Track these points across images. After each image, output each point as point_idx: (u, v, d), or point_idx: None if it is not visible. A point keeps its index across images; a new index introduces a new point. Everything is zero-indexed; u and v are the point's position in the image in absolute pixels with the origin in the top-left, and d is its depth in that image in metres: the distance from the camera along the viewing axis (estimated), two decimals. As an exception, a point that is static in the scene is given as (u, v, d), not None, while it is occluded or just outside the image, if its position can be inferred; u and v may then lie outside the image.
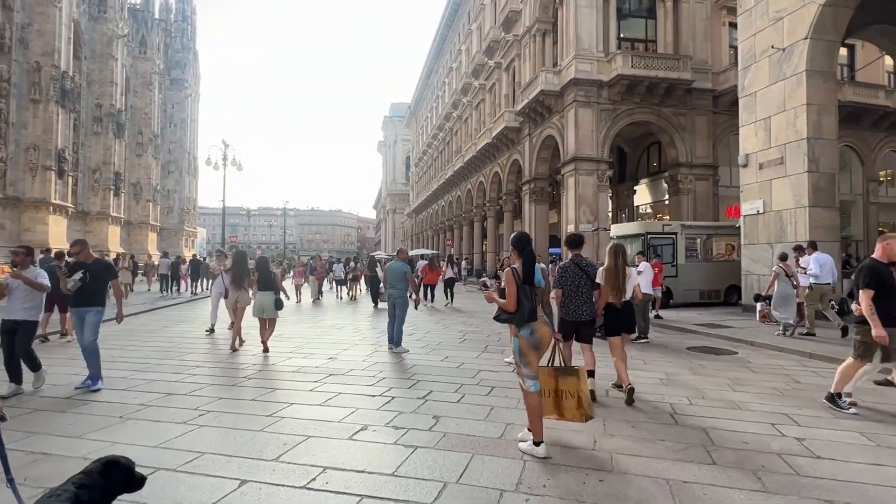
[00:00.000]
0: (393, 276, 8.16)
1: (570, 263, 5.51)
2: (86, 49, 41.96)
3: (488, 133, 31.93)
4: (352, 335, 9.41)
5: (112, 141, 43.18)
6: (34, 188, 34.31)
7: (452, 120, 44.07)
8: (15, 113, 33.87)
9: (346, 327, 10.58)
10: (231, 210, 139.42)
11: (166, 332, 9.66)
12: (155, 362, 6.78)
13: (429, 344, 8.28)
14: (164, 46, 56.48)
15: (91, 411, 4.47)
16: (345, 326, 10.67)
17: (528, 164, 26.83)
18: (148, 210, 51.09)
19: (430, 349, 7.91)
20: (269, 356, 7.28)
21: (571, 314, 5.30)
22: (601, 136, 21.90)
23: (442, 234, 49.20)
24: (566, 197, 22.56)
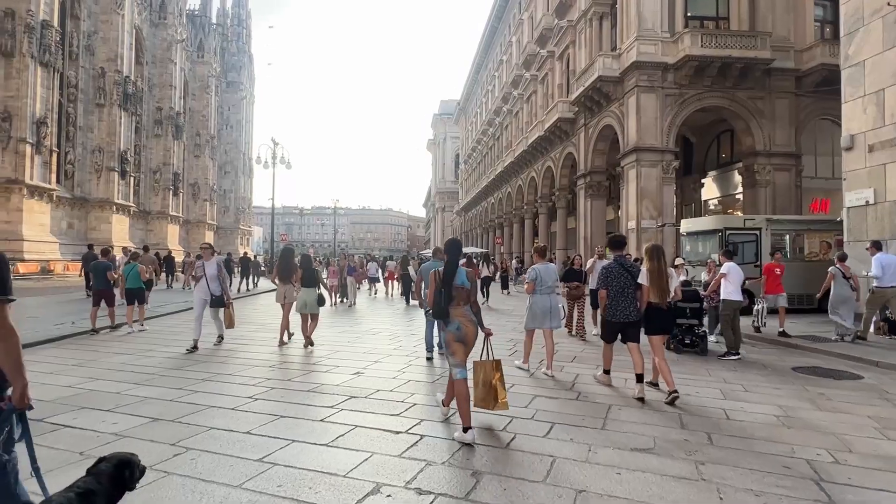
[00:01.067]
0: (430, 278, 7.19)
1: (614, 264, 5.55)
2: (147, 54, 43.54)
3: (540, 126, 30.35)
4: (386, 343, 8.39)
5: (171, 143, 44.66)
6: (99, 189, 35.81)
7: (502, 115, 42.63)
8: (82, 117, 35.46)
9: (383, 332, 9.58)
10: (286, 210, 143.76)
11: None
12: (158, 373, 6.00)
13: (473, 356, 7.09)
14: (220, 50, 58.20)
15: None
16: (381, 332, 9.68)
17: (584, 156, 25.10)
18: (205, 209, 52.71)
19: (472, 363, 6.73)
20: (287, 369, 6.37)
21: (619, 315, 5.40)
22: (666, 123, 19.97)
23: (491, 231, 47.84)
24: (626, 191, 20.76)
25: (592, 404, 4.82)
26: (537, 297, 6.24)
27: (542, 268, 6.29)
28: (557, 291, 6.54)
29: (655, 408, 4.76)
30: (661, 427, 4.15)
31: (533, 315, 6.28)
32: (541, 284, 6.19)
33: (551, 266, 6.49)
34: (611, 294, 5.43)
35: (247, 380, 5.60)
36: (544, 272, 6.25)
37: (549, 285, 6.26)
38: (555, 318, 6.29)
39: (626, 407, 4.74)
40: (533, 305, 6.28)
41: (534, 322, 6.31)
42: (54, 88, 30.06)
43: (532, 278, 6.28)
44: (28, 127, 27.81)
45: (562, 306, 6.76)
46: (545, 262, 6.44)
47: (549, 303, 6.22)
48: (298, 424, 4.12)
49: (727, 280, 7.51)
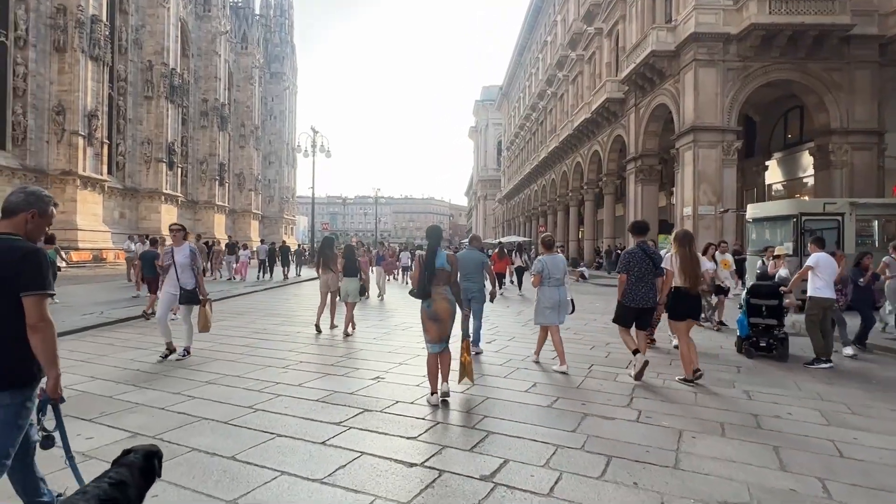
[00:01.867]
0: (468, 267, 6.57)
1: (636, 249, 5.56)
2: (192, 47, 44.32)
3: (587, 108, 28.78)
4: (416, 340, 7.64)
5: (217, 133, 45.46)
6: (148, 179, 36.81)
7: (546, 98, 41.00)
8: (131, 109, 36.41)
9: (415, 327, 8.80)
10: (330, 200, 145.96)
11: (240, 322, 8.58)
12: (164, 371, 5.46)
13: (511, 359, 6.25)
14: (263, 41, 58.80)
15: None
16: (413, 326, 8.90)
17: (634, 139, 23.53)
18: (250, 199, 53.65)
19: (511, 367, 5.88)
20: (302, 371, 5.69)
21: (638, 300, 5.41)
22: (727, 100, 18.28)
23: (534, 220, 46.44)
24: (681, 174, 19.21)
25: (658, 429, 3.88)
26: (545, 289, 6.03)
27: (548, 259, 6.08)
28: (567, 284, 6.28)
29: (739, 434, 3.78)
30: (753, 467, 3.18)
31: (541, 309, 6.05)
32: (548, 277, 5.99)
33: (559, 257, 6.25)
34: (631, 279, 5.46)
35: (253, 384, 4.96)
36: (551, 264, 6.04)
37: (558, 277, 6.03)
38: (563, 312, 6.06)
39: (703, 434, 3.78)
40: (541, 299, 6.06)
41: (541, 317, 6.06)
42: (104, 82, 30.81)
43: (538, 270, 6.07)
44: (80, 120, 28.59)
45: (570, 299, 6.29)
46: (553, 253, 6.25)
47: (558, 296, 5.99)
48: (294, 449, 3.40)
49: (816, 273, 6.30)
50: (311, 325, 8.40)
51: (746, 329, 6.88)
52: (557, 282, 6.03)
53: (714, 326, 8.90)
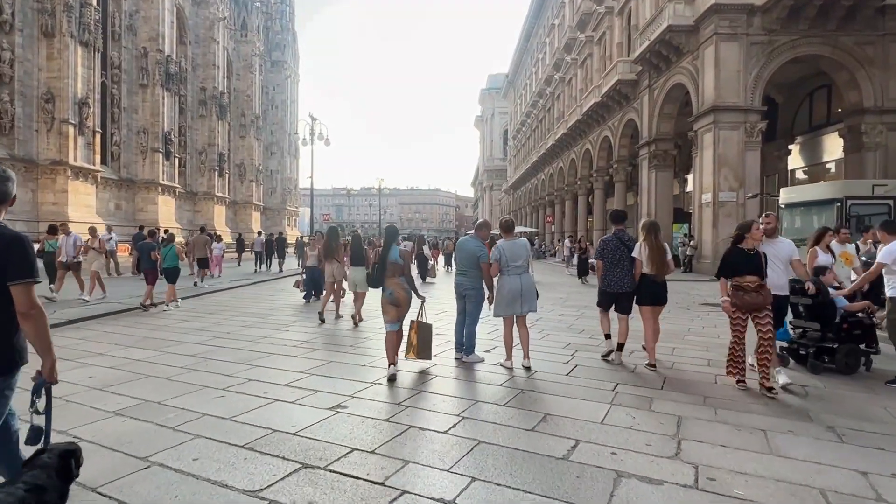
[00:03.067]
0: (464, 259, 5.73)
1: (612, 237, 5.75)
2: (190, 34, 43.15)
3: (597, 91, 27.40)
4: None
5: (216, 123, 44.38)
6: (145, 170, 35.87)
7: (554, 83, 39.55)
8: (126, 98, 35.38)
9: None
10: (336, 191, 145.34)
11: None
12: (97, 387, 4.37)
13: (516, 377, 5.10)
14: (264, 29, 57.47)
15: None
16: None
17: (647, 122, 22.17)
18: (251, 190, 52.66)
19: (513, 389, 4.70)
20: (246, 394, 4.56)
21: (613, 285, 5.67)
22: (750, 78, 16.94)
23: (541, 210, 45.15)
24: (700, 159, 17.90)
25: (712, 496, 2.72)
26: (505, 278, 5.46)
27: (507, 245, 5.48)
28: (531, 271, 5.66)
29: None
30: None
31: (500, 299, 5.44)
32: (506, 265, 5.42)
33: (520, 242, 5.58)
34: (606, 265, 5.69)
35: (171, 418, 3.79)
36: (510, 250, 5.44)
37: (519, 265, 5.44)
38: (528, 301, 5.43)
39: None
40: (500, 288, 5.46)
41: (502, 307, 5.45)
42: (95, 68, 29.74)
43: (496, 258, 5.47)
44: (70, 108, 27.62)
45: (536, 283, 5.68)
46: (513, 237, 5.61)
47: (520, 284, 5.40)
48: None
49: (893, 269, 5.05)
50: (284, 328, 7.39)
51: (785, 334, 5.70)
52: (519, 269, 5.41)
53: None
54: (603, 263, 5.71)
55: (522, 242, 5.51)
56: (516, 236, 5.58)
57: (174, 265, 9.97)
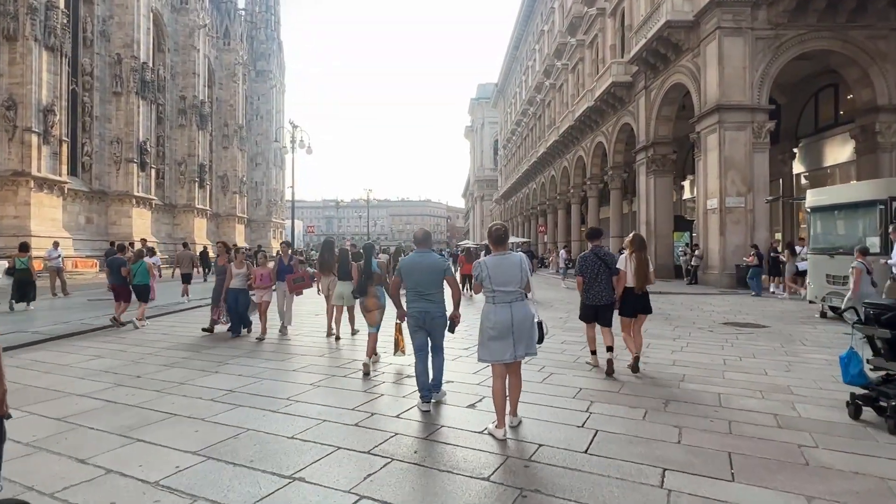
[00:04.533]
0: (424, 279, 4.35)
1: (589, 254, 5.81)
2: (169, 41, 41.84)
3: (589, 95, 26.27)
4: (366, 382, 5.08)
5: (196, 133, 42.94)
6: (118, 181, 34.29)
7: (544, 90, 38.53)
8: (98, 106, 33.87)
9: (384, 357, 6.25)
10: (325, 203, 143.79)
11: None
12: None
13: (510, 450, 3.62)
14: (248, 38, 56.31)
15: None
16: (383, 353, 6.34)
17: (644, 125, 21.00)
18: (235, 202, 51.09)
19: (508, 488, 3.17)
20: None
21: (592, 299, 5.72)
22: (757, 74, 15.79)
23: (533, 219, 43.92)
24: (704, 162, 16.67)
25: None
26: (489, 308, 3.80)
27: (493, 262, 3.81)
28: (532, 297, 4.04)
29: None
30: None
31: (485, 337, 3.79)
32: (491, 290, 3.78)
33: (513, 259, 3.84)
34: (586, 280, 5.73)
35: None
36: (497, 268, 3.77)
37: (510, 290, 3.75)
38: (522, 341, 3.73)
39: None
40: (485, 321, 3.81)
41: (487, 348, 3.77)
42: (62, 74, 28.22)
43: (477, 277, 3.87)
44: (33, 115, 26.07)
45: (539, 322, 3.96)
46: (503, 251, 3.91)
47: (510, 316, 3.71)
48: None
49: None
50: (213, 369, 5.80)
51: (860, 376, 4.14)
52: (510, 296, 3.75)
53: None
54: (583, 279, 5.75)
55: (515, 259, 3.84)
56: (509, 250, 3.98)
57: (144, 282, 9.41)
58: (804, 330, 8.26)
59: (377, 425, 3.73)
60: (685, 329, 8.43)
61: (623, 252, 5.78)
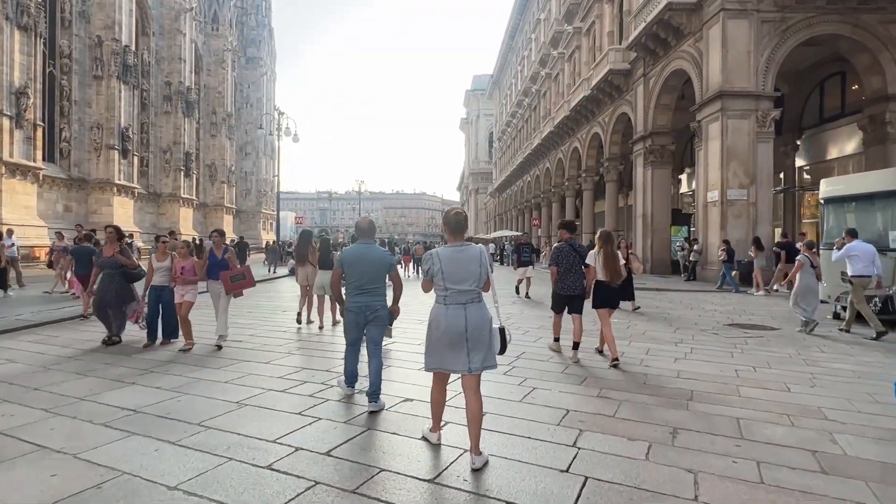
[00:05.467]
0: (368, 271, 4.02)
1: (564, 245, 6.00)
2: (153, 25, 40.43)
3: (585, 84, 25.35)
4: (285, 381, 4.22)
5: (181, 120, 41.62)
6: (99, 169, 33.03)
7: (540, 80, 37.53)
8: (78, 90, 32.55)
9: (293, 357, 5.37)
10: (320, 195, 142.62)
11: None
12: None
13: (449, 451, 2.79)
14: (238, 24, 54.82)
15: None
16: (292, 353, 5.47)
17: (643, 115, 20.11)
18: (223, 192, 49.80)
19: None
20: None
21: (565, 289, 5.92)
22: (762, 59, 14.93)
23: (527, 212, 43.07)
24: (705, 152, 15.82)
25: None
26: (440, 310, 3.14)
27: (447, 254, 3.13)
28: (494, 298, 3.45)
29: None
30: None
31: (432, 342, 3.17)
32: (443, 288, 3.12)
33: (473, 251, 3.17)
34: (561, 270, 5.90)
35: None
36: (451, 262, 3.10)
37: (467, 289, 3.10)
38: (479, 351, 3.07)
39: None
40: (433, 325, 3.18)
41: (434, 356, 3.16)
42: (37, 55, 26.95)
43: (427, 272, 3.20)
44: (5, 98, 24.82)
45: (501, 328, 3.29)
46: (459, 242, 3.21)
47: (464, 320, 3.06)
48: None
49: None
50: (122, 381, 4.92)
51: None
52: (465, 296, 3.09)
53: None
54: (558, 269, 5.92)
55: (474, 252, 3.16)
56: (466, 242, 3.25)
57: None
58: (818, 333, 7.45)
59: (296, 468, 2.83)
60: (687, 331, 7.59)
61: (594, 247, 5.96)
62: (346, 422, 3.57)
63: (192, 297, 6.33)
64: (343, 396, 4.14)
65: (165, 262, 6.49)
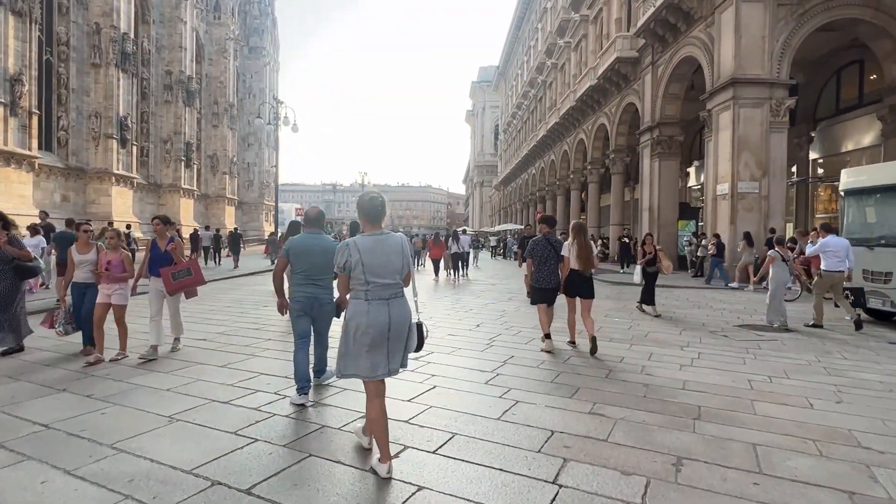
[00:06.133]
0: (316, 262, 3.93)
1: (541, 239, 6.13)
2: (154, 13, 39.87)
3: (592, 73, 24.58)
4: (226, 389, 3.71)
5: (182, 109, 41.12)
6: (97, 158, 32.60)
7: (546, 70, 36.71)
8: (75, 78, 32.08)
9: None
10: (324, 187, 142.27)
11: None
12: None
13: None
14: (240, 12, 54.17)
15: None
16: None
17: (650, 105, 19.37)
18: (225, 183, 49.38)
19: None
20: None
21: (540, 282, 6.05)
22: (777, 45, 14.17)
23: (532, 206, 42.37)
24: (715, 143, 15.10)
25: None
26: (361, 306, 2.75)
27: (366, 243, 2.78)
28: (414, 289, 3.07)
29: None
30: None
31: (353, 346, 2.77)
32: (363, 280, 2.74)
33: (394, 240, 2.86)
34: (535, 263, 6.04)
35: None
36: (371, 253, 2.76)
37: (390, 283, 2.78)
38: (397, 351, 2.80)
39: None
40: (350, 324, 2.78)
41: (352, 359, 2.77)
42: (32, 42, 26.48)
43: (343, 265, 2.79)
44: (0, 85, 24.38)
45: (418, 323, 2.95)
46: (377, 230, 2.85)
47: (387, 318, 2.74)
48: None
49: None
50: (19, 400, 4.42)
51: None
52: (388, 291, 2.79)
53: None
54: (533, 261, 6.04)
55: (396, 242, 2.84)
56: (385, 231, 2.87)
57: None
58: (837, 336, 6.84)
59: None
60: (694, 333, 6.99)
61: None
62: (286, 445, 3.02)
63: (119, 298, 5.18)
64: (293, 410, 3.60)
65: (89, 255, 5.32)
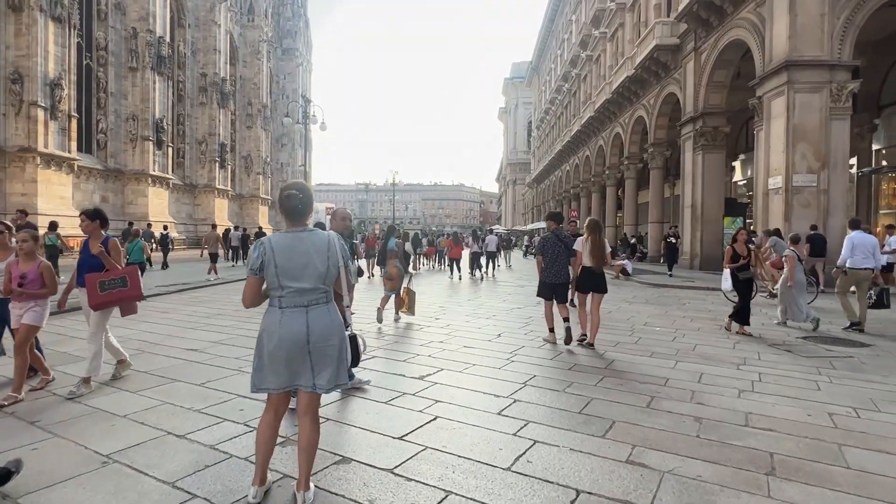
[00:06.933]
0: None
1: (551, 236, 6.33)
2: (189, 16, 40.64)
3: (629, 63, 23.35)
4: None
5: (217, 111, 41.81)
6: (134, 160, 33.40)
7: (580, 64, 35.46)
8: (113, 82, 32.93)
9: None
10: (357, 186, 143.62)
11: None
12: None
13: None
14: (274, 14, 54.78)
15: None
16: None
17: (693, 94, 18.11)
18: (258, 183, 50.08)
19: None
20: None
21: (551, 277, 6.18)
22: (838, 24, 12.84)
23: (566, 204, 41.10)
24: (766, 133, 13.83)
25: None
26: (274, 315, 2.37)
27: (280, 241, 2.37)
28: (348, 295, 2.66)
29: None
30: None
31: (264, 357, 2.38)
32: (277, 285, 2.36)
33: (318, 237, 2.42)
34: (547, 260, 6.19)
35: None
36: (285, 252, 2.36)
37: (308, 287, 2.37)
38: (326, 366, 2.39)
39: None
40: (263, 336, 2.40)
41: (265, 374, 2.38)
42: (71, 47, 27.16)
43: (252, 266, 2.38)
44: (40, 89, 25.07)
45: (352, 335, 2.61)
46: (300, 226, 2.45)
47: (304, 329, 2.35)
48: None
49: None
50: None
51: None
52: (305, 297, 2.39)
53: None
54: (544, 258, 6.19)
55: (320, 241, 2.43)
56: (308, 228, 2.48)
57: (139, 261, 9.35)
58: None
59: None
60: (751, 347, 6.06)
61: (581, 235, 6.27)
62: (236, 502, 2.37)
63: (32, 317, 4.06)
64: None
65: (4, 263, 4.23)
